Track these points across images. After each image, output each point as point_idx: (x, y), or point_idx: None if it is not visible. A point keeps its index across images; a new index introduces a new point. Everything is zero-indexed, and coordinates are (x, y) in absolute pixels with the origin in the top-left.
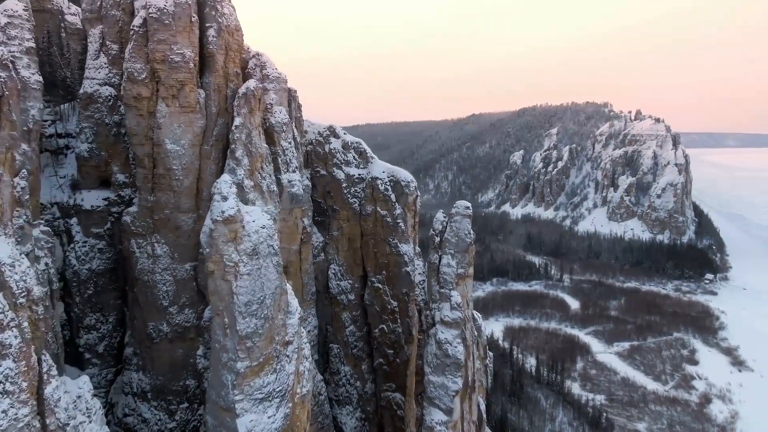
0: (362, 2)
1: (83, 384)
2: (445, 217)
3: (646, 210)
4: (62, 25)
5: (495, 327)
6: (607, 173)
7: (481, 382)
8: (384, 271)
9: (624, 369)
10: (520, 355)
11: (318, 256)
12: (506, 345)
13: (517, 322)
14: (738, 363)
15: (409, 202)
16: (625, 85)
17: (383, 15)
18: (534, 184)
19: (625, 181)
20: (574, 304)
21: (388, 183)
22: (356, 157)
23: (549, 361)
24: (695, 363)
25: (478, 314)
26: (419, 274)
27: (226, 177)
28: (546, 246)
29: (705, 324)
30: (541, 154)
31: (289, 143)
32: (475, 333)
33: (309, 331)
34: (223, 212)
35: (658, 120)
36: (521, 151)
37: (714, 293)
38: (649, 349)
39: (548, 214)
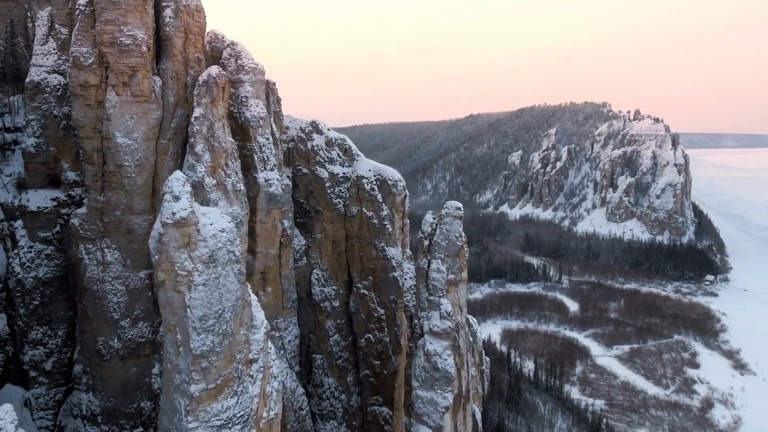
0: (358, 2)
1: (4, 414)
2: (434, 218)
3: (646, 210)
4: (28, 14)
5: (493, 330)
6: (606, 173)
7: (476, 390)
8: (370, 277)
9: (624, 373)
10: (518, 359)
11: (300, 260)
12: (504, 349)
13: (515, 324)
14: (740, 366)
15: (396, 202)
16: (623, 85)
17: (380, 15)
18: (532, 185)
19: (624, 181)
20: (573, 306)
21: (374, 182)
22: (340, 154)
23: (547, 365)
24: (696, 366)
25: (474, 319)
26: (410, 278)
27: (178, 174)
28: (544, 247)
29: (706, 326)
30: (539, 155)
31: (267, 139)
32: (470, 339)
33: (289, 341)
34: (174, 214)
35: (657, 120)
36: (519, 152)
37: (714, 294)
38: (650, 352)
39: (547, 214)
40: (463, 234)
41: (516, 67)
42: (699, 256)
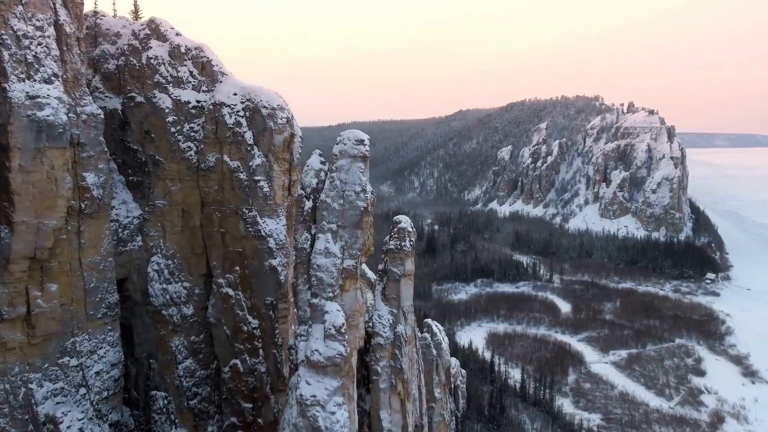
0: (350, 5)
1: None
2: (323, 163)
3: (641, 206)
4: None
5: (477, 333)
6: (599, 168)
7: (442, 416)
8: (237, 267)
9: (622, 382)
10: (503, 368)
11: (131, 241)
12: (487, 356)
13: (501, 327)
14: (750, 374)
15: (276, 144)
16: (613, 85)
17: (369, 15)
18: (522, 181)
19: (617, 175)
20: (565, 307)
21: (241, 113)
22: (195, 73)
23: (537, 374)
24: (702, 374)
25: (439, 326)
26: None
27: None
28: (535, 245)
29: (709, 328)
30: (529, 150)
31: (36, 28)
32: (434, 352)
33: (99, 373)
34: None
35: (651, 112)
36: (509, 147)
37: (716, 294)
38: (650, 358)
39: (537, 211)
40: (370, 189)
41: (508, 66)
42: (698, 254)
